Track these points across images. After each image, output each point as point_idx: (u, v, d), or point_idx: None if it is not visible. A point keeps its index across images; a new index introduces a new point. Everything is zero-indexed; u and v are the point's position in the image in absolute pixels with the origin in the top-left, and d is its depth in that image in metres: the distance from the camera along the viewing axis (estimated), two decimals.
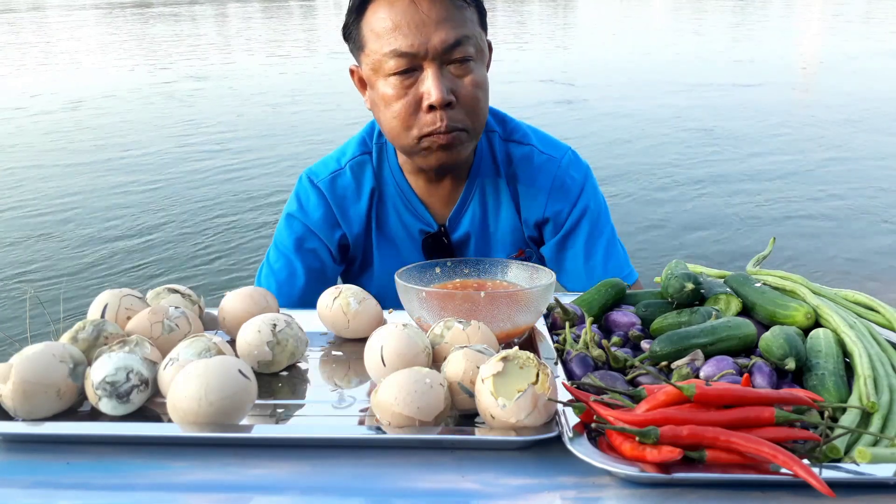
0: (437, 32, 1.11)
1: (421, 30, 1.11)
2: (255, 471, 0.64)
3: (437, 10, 1.12)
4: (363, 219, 1.32)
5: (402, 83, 1.14)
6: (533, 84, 8.96)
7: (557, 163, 1.33)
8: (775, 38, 13.78)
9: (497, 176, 1.33)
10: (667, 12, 20.73)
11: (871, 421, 0.68)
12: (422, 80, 1.14)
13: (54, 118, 7.51)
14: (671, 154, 5.86)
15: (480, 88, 1.17)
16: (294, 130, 6.88)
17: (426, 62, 1.13)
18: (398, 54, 1.12)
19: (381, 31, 1.13)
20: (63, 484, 0.64)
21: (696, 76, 9.46)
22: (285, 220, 1.36)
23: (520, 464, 0.65)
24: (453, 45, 1.12)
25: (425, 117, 1.15)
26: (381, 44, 1.13)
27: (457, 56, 1.13)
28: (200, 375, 0.67)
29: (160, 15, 22.37)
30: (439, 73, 1.13)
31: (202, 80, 9.84)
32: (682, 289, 0.90)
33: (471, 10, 1.17)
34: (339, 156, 1.37)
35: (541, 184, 1.32)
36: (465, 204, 1.33)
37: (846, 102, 7.70)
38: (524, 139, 1.35)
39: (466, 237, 1.33)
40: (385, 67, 1.14)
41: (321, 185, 1.33)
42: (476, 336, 0.79)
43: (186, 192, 5.08)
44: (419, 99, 1.14)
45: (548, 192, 1.32)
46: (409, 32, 1.11)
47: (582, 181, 1.34)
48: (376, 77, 1.17)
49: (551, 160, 1.33)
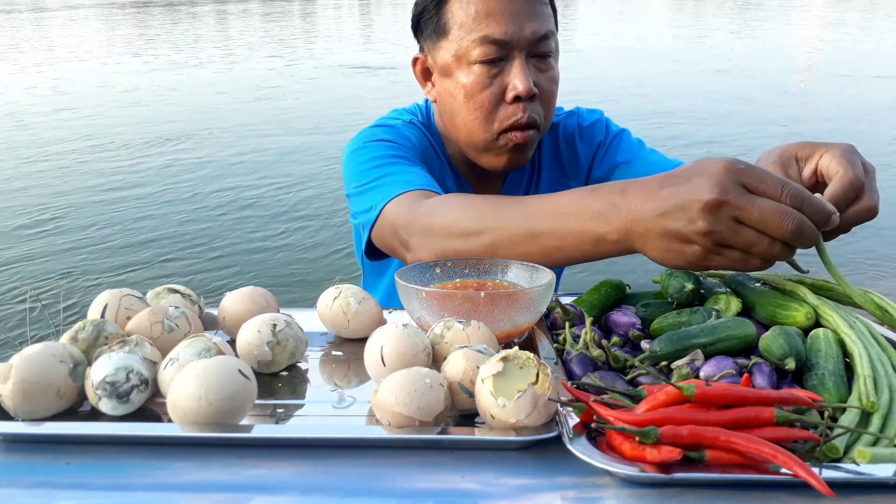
0: (530, 23, 1.12)
1: (515, 18, 1.11)
2: (255, 471, 0.64)
3: (530, 2, 1.13)
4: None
5: (489, 72, 1.13)
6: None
7: (575, 114, 1.40)
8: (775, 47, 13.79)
9: (558, 169, 1.38)
10: (666, 14, 20.72)
11: (871, 421, 0.68)
12: (507, 70, 1.13)
13: (54, 118, 7.50)
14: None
15: (556, 84, 1.19)
16: (294, 130, 6.87)
17: (516, 52, 1.13)
18: (490, 41, 1.11)
19: (473, 16, 1.13)
20: (63, 484, 0.63)
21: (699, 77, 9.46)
22: (375, 145, 1.18)
23: (520, 464, 0.65)
24: (542, 38, 1.13)
25: (507, 109, 1.14)
26: (470, 31, 1.13)
27: (542, 50, 1.14)
28: (200, 375, 0.67)
29: (160, 14, 22.37)
30: (526, 64, 1.13)
31: (202, 79, 9.84)
32: (681, 288, 0.90)
33: (549, 7, 1.18)
34: (396, 114, 1.32)
35: (571, 137, 1.37)
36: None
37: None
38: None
39: None
40: (472, 55, 1.13)
41: (399, 126, 1.26)
42: (476, 336, 0.79)
43: (186, 192, 5.08)
44: (504, 89, 1.14)
45: (580, 140, 1.37)
46: (503, 20, 1.11)
47: (602, 118, 1.40)
48: (458, 65, 1.16)
49: (570, 114, 1.40)
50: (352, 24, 19.55)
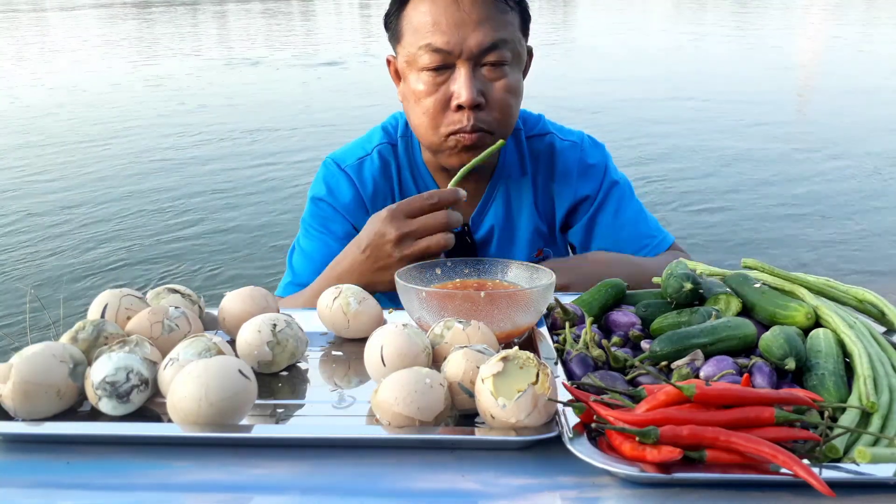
0: (475, 33, 1.11)
1: (459, 28, 1.11)
2: (255, 471, 0.64)
3: (479, 11, 1.11)
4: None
5: (434, 80, 1.14)
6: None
7: (580, 147, 1.36)
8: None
9: (522, 175, 1.34)
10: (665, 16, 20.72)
11: (871, 421, 0.68)
12: (453, 79, 1.13)
13: (53, 118, 7.50)
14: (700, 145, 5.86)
15: (512, 94, 1.17)
16: (295, 129, 6.87)
17: (459, 61, 1.13)
18: (433, 49, 1.12)
19: (419, 25, 1.13)
20: (63, 484, 0.64)
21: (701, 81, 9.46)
22: (313, 204, 1.34)
23: (520, 464, 0.65)
24: (489, 48, 1.12)
25: (453, 116, 1.15)
26: (418, 38, 1.13)
27: (491, 59, 1.13)
28: (200, 375, 0.67)
29: (161, 14, 22.37)
30: (471, 73, 1.13)
31: (201, 79, 9.84)
32: (680, 288, 0.90)
33: (513, 13, 1.16)
34: (363, 143, 1.36)
35: (568, 169, 1.34)
36: (487, 203, 1.33)
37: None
38: (543, 129, 1.37)
39: (489, 236, 1.34)
40: (419, 62, 1.14)
41: (349, 171, 1.32)
42: (476, 336, 0.79)
43: (186, 192, 5.08)
44: (449, 97, 1.14)
45: (576, 176, 1.33)
46: (447, 30, 1.11)
47: (604, 161, 1.37)
48: (409, 70, 1.17)
49: (573, 145, 1.36)
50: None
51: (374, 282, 1.07)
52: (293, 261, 1.34)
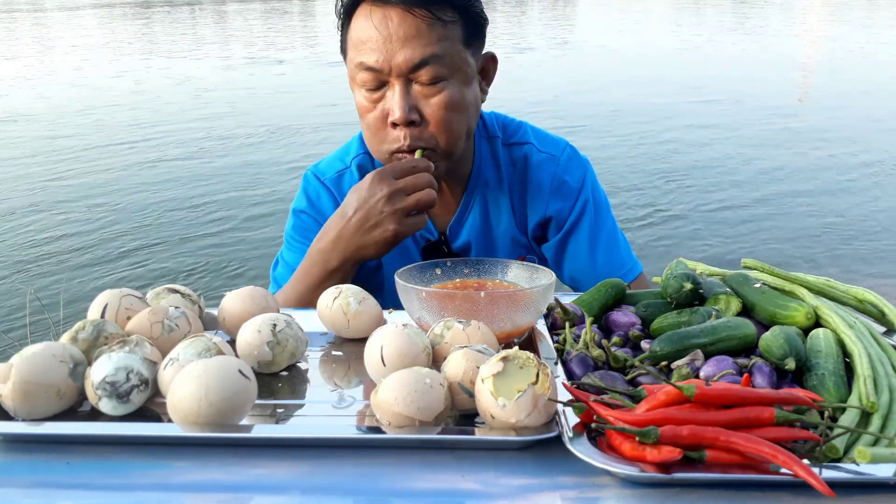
0: (403, 51, 1.09)
1: (387, 46, 1.09)
2: (255, 471, 0.64)
3: (406, 28, 1.09)
4: None
5: (371, 97, 1.14)
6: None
7: (556, 161, 1.32)
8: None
9: (499, 183, 1.33)
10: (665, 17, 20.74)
11: (871, 421, 0.68)
12: (388, 96, 1.13)
13: (52, 119, 7.50)
14: (690, 152, 5.86)
15: (451, 109, 1.14)
16: (295, 129, 6.88)
17: (392, 79, 1.11)
18: (365, 68, 1.12)
19: (356, 41, 1.13)
20: (63, 484, 0.64)
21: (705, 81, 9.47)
22: (295, 216, 1.35)
23: (520, 464, 0.65)
24: (419, 65, 1.10)
25: (392, 133, 1.14)
26: (354, 55, 1.13)
27: (423, 75, 1.11)
28: (200, 375, 0.67)
29: (161, 14, 22.39)
30: (405, 90, 1.11)
31: (201, 80, 9.84)
32: (680, 288, 0.90)
33: (452, 27, 1.12)
34: (342, 155, 1.37)
35: (541, 183, 1.31)
36: (465, 212, 1.32)
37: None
38: (523, 138, 1.35)
39: (467, 246, 1.33)
40: (357, 79, 1.14)
41: (328, 184, 1.33)
42: (476, 336, 0.79)
43: (186, 192, 5.08)
44: (386, 114, 1.13)
45: (549, 192, 1.31)
46: (376, 48, 1.10)
47: (581, 177, 1.33)
48: (353, 86, 1.18)
49: (550, 158, 1.32)
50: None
51: (363, 244, 1.10)
52: (276, 273, 1.35)
